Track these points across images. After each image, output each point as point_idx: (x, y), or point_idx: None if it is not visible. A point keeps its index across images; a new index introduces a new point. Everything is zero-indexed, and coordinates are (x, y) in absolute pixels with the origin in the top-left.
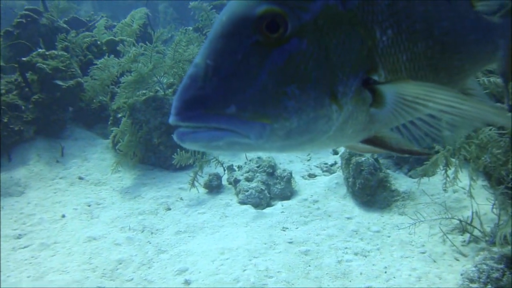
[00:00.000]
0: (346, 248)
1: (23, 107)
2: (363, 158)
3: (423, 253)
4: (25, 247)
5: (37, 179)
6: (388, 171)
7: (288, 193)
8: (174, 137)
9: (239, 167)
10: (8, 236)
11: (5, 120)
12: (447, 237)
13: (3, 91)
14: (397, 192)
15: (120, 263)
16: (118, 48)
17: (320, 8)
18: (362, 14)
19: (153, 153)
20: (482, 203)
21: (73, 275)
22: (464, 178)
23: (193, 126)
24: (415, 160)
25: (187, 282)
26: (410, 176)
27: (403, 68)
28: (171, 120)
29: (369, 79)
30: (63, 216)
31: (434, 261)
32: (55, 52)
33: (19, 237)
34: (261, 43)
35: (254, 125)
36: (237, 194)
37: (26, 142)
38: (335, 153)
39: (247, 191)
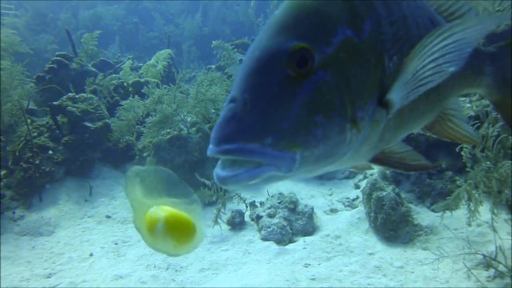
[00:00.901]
0: (369, 284)
1: (50, 151)
2: (384, 193)
3: None
4: (54, 287)
5: (67, 218)
6: (410, 205)
7: (310, 229)
8: (215, 179)
9: (261, 203)
10: (39, 276)
11: (37, 162)
12: (472, 273)
13: (35, 134)
14: (420, 227)
15: None
16: (143, 90)
17: (340, 41)
18: (373, 43)
19: None
20: (507, 237)
21: None
22: (487, 212)
23: (232, 158)
24: (438, 193)
25: None
26: (433, 210)
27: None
28: (211, 151)
29: (381, 101)
30: (91, 254)
31: None
32: (84, 95)
33: (49, 276)
34: (292, 76)
35: (286, 156)
36: (259, 230)
37: (56, 182)
38: (357, 187)
39: (269, 227)
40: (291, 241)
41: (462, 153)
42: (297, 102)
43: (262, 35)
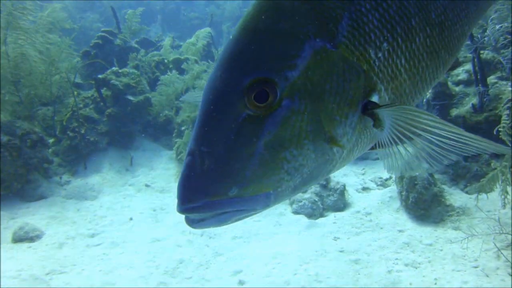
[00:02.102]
0: (396, 259)
1: (87, 122)
2: (417, 173)
3: (476, 267)
4: (97, 245)
5: (109, 185)
6: (443, 186)
7: (341, 205)
8: (185, 222)
9: None
10: (83, 235)
11: (82, 132)
12: (502, 253)
13: (81, 106)
14: (452, 207)
15: (181, 263)
16: (182, 66)
17: (308, 58)
18: (353, 42)
19: None
20: None
21: (139, 271)
22: None
23: (200, 216)
24: (472, 176)
25: (241, 282)
26: (467, 192)
27: (403, 70)
28: (178, 210)
29: (367, 104)
30: (131, 219)
31: (487, 276)
32: (127, 70)
33: (92, 236)
34: (253, 116)
35: (258, 199)
36: (291, 204)
37: (100, 152)
38: None
39: (301, 201)
40: (321, 215)
41: (500, 129)
42: (261, 143)
43: (215, 72)
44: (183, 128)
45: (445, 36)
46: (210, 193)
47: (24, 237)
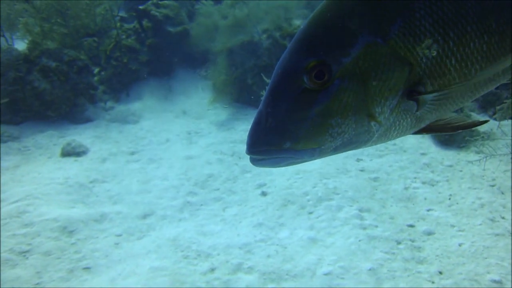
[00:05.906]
0: (415, 178)
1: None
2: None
3: (493, 186)
4: (137, 161)
5: (149, 111)
6: (471, 113)
7: None
8: (250, 161)
9: None
10: (124, 152)
11: (125, 61)
12: None
13: (123, 37)
14: (478, 132)
15: (210, 177)
16: None
17: (360, 49)
18: (403, 39)
19: (247, 92)
20: None
21: (171, 182)
22: None
23: (261, 157)
24: (502, 103)
25: (263, 193)
26: (495, 119)
27: (452, 70)
28: (246, 152)
29: (413, 91)
30: (168, 140)
31: (502, 193)
32: (167, 2)
33: (132, 153)
34: (309, 89)
35: (306, 152)
36: None
37: (141, 81)
38: None
39: None
40: None
41: None
42: (313, 111)
43: (285, 53)
44: (218, 58)
45: (506, 44)
46: (269, 143)
47: (71, 151)
